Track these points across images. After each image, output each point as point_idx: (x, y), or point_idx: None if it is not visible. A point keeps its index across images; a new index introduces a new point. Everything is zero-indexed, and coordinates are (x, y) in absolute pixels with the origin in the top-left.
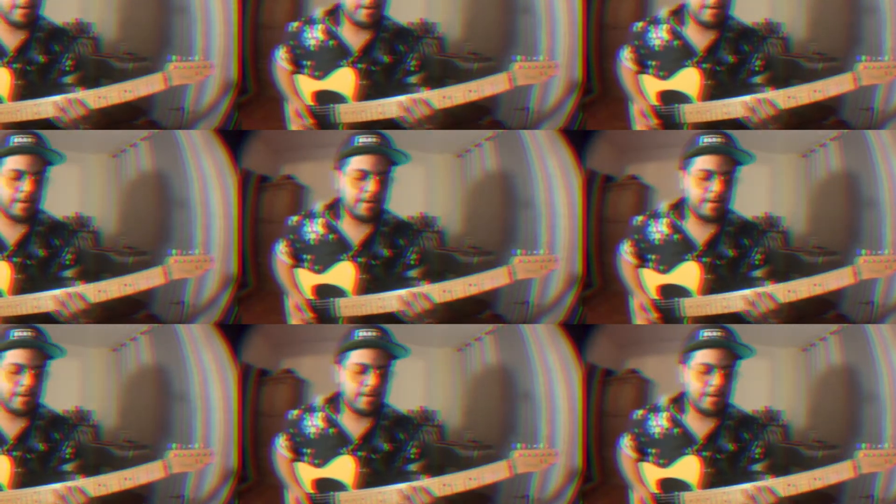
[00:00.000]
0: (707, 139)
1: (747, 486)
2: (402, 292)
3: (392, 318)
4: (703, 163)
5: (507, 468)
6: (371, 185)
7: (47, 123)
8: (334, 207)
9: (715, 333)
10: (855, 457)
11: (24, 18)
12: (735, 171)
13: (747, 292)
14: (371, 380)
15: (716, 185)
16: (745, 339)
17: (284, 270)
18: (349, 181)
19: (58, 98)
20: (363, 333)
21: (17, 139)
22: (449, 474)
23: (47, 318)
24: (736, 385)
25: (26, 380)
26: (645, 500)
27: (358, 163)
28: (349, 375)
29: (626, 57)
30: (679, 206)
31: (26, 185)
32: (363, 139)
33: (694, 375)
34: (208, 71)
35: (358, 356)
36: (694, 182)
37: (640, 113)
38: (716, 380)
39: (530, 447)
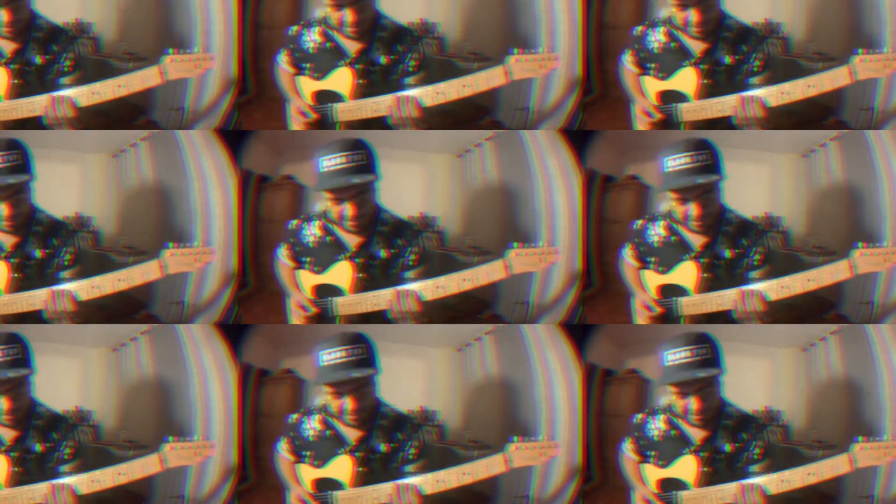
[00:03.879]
0: (671, 164)
1: (742, 482)
2: (390, 290)
3: (386, 315)
4: (674, 192)
5: (503, 462)
6: (349, 211)
7: (41, 122)
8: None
9: (679, 358)
10: (851, 450)
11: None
12: (710, 184)
13: (736, 290)
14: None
15: (693, 210)
16: (744, 340)
17: (287, 273)
18: (329, 205)
19: (43, 97)
20: (326, 358)
21: None
22: (444, 469)
23: (41, 316)
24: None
25: None
26: (646, 500)
27: (329, 192)
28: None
29: (627, 60)
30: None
31: None
32: (328, 163)
33: (674, 399)
34: (206, 64)
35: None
36: (674, 204)
37: (642, 112)
38: (694, 404)
39: (526, 440)
